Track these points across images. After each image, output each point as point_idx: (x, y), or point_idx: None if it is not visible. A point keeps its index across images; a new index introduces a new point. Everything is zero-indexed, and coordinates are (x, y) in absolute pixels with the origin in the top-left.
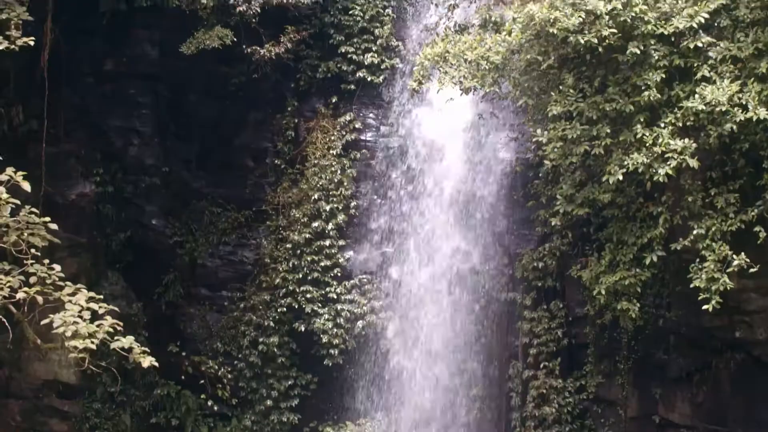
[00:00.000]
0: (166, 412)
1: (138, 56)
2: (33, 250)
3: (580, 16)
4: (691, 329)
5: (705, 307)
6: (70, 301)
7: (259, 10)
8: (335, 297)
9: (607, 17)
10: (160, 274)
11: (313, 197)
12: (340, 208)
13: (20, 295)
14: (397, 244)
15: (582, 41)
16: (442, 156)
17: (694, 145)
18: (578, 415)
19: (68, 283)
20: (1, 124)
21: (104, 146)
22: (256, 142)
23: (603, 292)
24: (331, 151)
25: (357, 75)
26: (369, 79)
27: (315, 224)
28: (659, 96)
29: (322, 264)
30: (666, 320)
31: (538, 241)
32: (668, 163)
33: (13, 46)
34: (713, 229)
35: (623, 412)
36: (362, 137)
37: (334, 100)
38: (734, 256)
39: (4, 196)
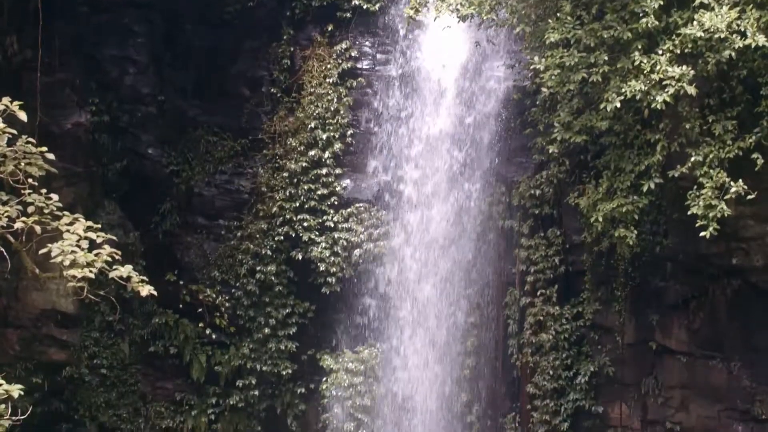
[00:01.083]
0: (164, 341)
1: None
2: (30, 180)
3: None
4: (688, 256)
5: (702, 234)
6: (68, 231)
7: None
8: (332, 225)
9: None
10: (157, 204)
11: (309, 126)
12: (337, 136)
13: (18, 224)
14: (394, 173)
15: None
16: (439, 84)
17: (692, 72)
18: (575, 341)
19: (66, 212)
20: None
21: (99, 76)
22: (251, 71)
23: (600, 219)
24: (327, 80)
25: (353, 2)
26: (365, 6)
27: (311, 153)
28: (657, 23)
29: (319, 192)
30: (663, 247)
31: (535, 168)
32: (666, 90)
33: None
34: (711, 156)
35: (620, 338)
36: (358, 66)
37: (330, 29)
38: (732, 183)
39: (1, 125)
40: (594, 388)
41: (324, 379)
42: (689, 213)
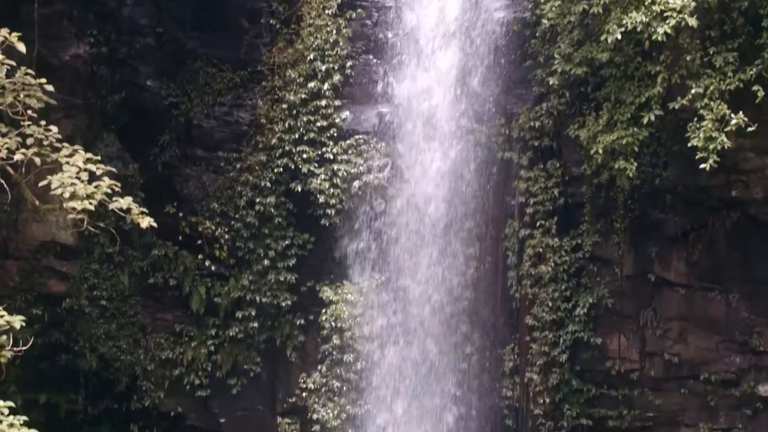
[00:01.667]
0: (163, 273)
1: None
2: (29, 112)
3: None
4: (688, 188)
5: (702, 166)
6: (67, 163)
7: None
8: (331, 157)
9: None
10: (156, 136)
11: (308, 57)
12: (336, 68)
13: (18, 156)
14: (394, 104)
15: None
16: (437, 15)
17: (693, 3)
18: (574, 273)
19: (65, 144)
20: None
21: (97, 7)
22: (250, 2)
23: (600, 151)
24: (326, 11)
25: None
26: None
27: (311, 84)
28: None
29: (318, 124)
30: (663, 179)
31: (534, 100)
32: (667, 21)
33: None
34: (711, 88)
35: (619, 270)
36: None
37: None
38: (732, 115)
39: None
40: (593, 320)
41: (323, 310)
42: (689, 145)
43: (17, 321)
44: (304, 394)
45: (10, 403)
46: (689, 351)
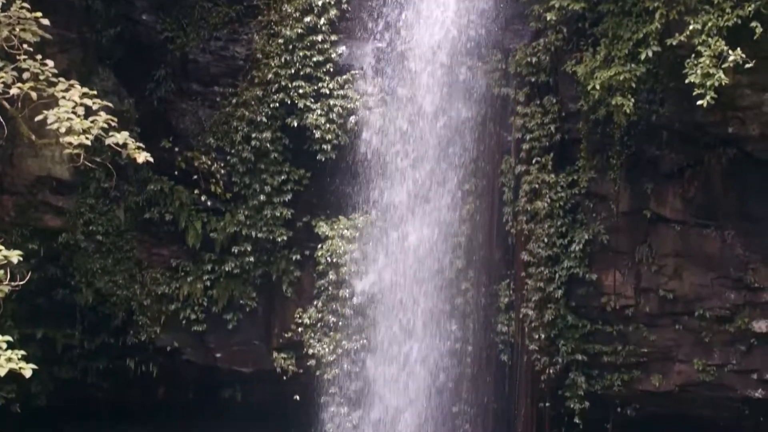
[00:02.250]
0: (159, 207)
1: None
2: (25, 46)
3: None
4: (685, 125)
5: (699, 102)
6: (63, 97)
7: None
8: (328, 92)
9: None
10: (151, 70)
11: None
12: (332, 2)
13: (14, 90)
14: (390, 40)
15: None
16: None
17: None
18: (570, 209)
19: (61, 79)
20: None
21: None
22: None
23: (597, 87)
24: None
25: None
26: None
27: (307, 19)
28: None
29: (315, 59)
30: (659, 116)
31: (532, 36)
32: None
33: None
34: (709, 24)
35: (615, 206)
36: None
37: None
38: (730, 52)
39: None
40: (588, 256)
41: (319, 245)
42: (687, 81)
43: (14, 255)
44: (299, 329)
45: (8, 338)
46: (684, 287)
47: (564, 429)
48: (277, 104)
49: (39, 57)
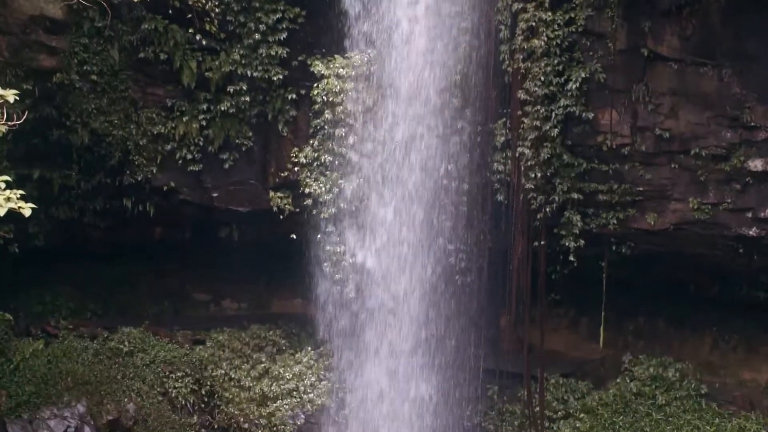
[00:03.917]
0: (154, 47)
1: None
2: None
3: None
4: None
5: None
6: None
7: None
8: None
9: None
10: None
11: None
12: None
13: None
14: None
15: None
16: None
17: None
18: (567, 47)
19: None
20: None
21: None
22: None
23: None
24: None
25: None
26: None
27: None
28: None
29: None
30: None
31: None
32: None
33: None
34: None
35: (612, 44)
36: None
37: None
38: None
39: None
40: (585, 95)
41: (315, 84)
42: None
43: (10, 95)
44: (296, 168)
45: (6, 177)
46: (680, 126)
47: (559, 267)
48: None
49: None
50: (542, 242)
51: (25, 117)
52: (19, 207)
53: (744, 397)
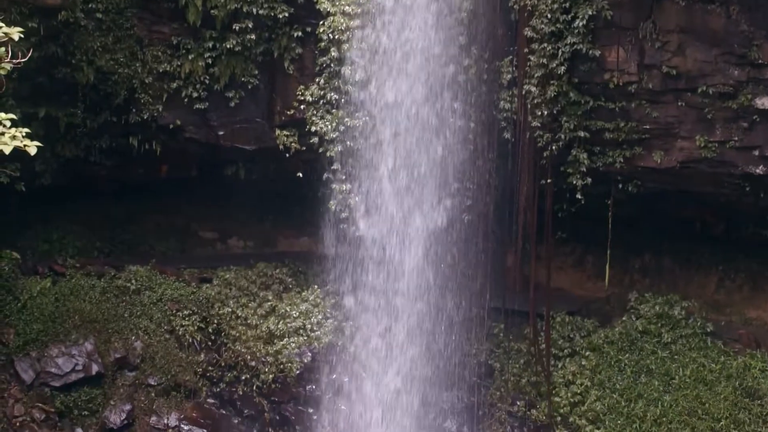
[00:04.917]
0: None
1: None
2: None
3: None
4: None
5: None
6: None
7: None
8: None
9: None
10: None
11: None
12: None
13: None
14: None
15: None
16: None
17: None
18: None
19: None
20: None
21: None
22: None
23: None
24: None
25: None
26: None
27: None
28: None
29: None
30: None
31: None
32: None
33: None
34: None
35: None
36: None
37: None
38: None
39: None
40: (591, 32)
41: (321, 22)
42: None
43: (15, 32)
44: (302, 107)
45: (12, 116)
46: (687, 63)
47: (565, 205)
48: None
49: None
50: (549, 180)
51: (30, 55)
52: (25, 145)
53: (749, 335)
